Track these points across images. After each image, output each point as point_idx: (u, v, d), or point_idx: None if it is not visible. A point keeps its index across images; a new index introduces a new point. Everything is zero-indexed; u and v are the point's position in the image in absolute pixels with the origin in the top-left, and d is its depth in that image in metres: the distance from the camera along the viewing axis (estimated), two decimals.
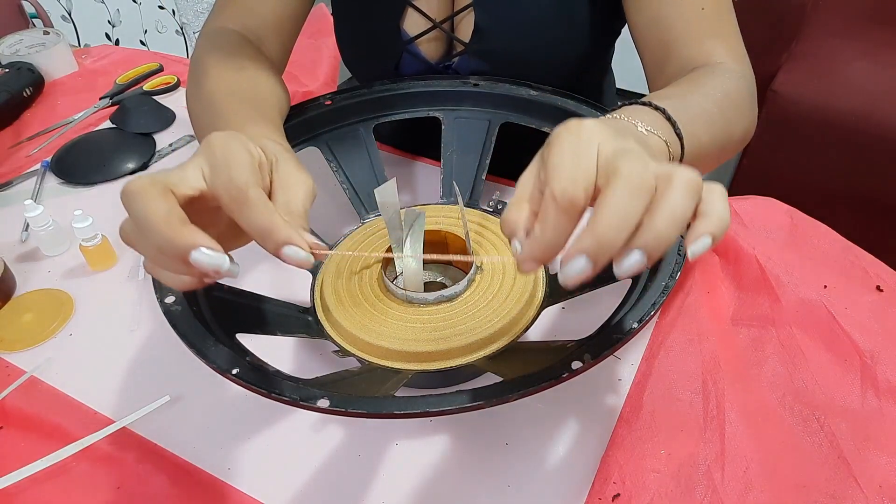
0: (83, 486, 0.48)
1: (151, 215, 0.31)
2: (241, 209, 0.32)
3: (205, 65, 0.58)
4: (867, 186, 1.39)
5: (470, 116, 0.64)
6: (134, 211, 0.32)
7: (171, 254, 0.31)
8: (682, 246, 0.46)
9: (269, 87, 0.59)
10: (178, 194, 0.32)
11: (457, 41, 0.69)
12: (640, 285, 0.47)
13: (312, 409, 0.36)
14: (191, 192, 0.33)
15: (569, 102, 0.55)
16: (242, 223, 0.33)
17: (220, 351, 0.40)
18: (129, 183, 0.32)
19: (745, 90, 0.55)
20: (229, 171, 0.32)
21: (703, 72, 0.54)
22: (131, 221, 0.33)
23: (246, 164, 0.33)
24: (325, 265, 0.57)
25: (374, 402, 0.37)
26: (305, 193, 0.37)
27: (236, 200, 0.32)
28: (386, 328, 0.50)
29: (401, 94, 0.66)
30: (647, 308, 0.41)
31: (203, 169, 0.34)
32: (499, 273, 0.53)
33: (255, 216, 0.32)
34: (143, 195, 0.31)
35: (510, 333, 0.50)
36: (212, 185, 0.33)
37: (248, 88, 0.56)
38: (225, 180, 0.32)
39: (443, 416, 0.36)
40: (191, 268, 0.32)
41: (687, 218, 0.29)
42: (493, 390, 0.37)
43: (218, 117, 0.52)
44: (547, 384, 0.36)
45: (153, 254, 0.33)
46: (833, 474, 0.47)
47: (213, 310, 0.46)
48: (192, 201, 0.33)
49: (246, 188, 0.32)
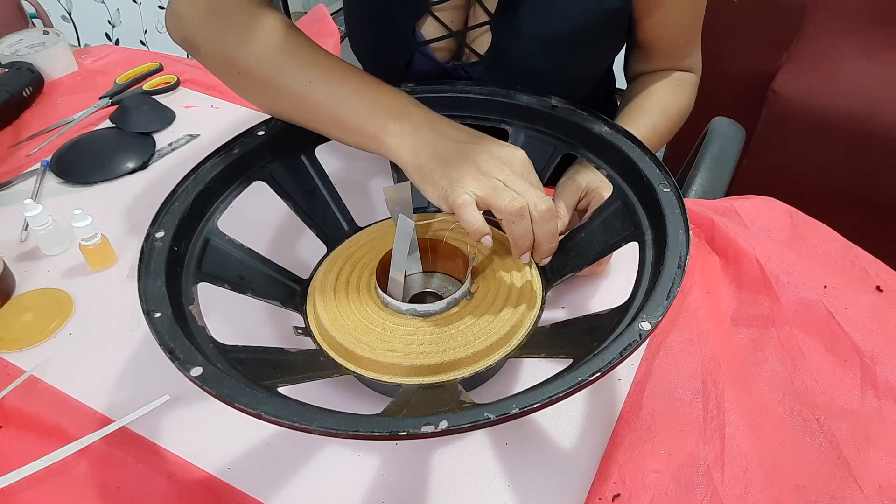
0: (83, 485, 0.47)
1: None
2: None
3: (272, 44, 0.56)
4: (867, 186, 1.39)
5: (538, 138, 0.63)
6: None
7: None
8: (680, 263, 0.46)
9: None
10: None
11: (472, 52, 0.69)
12: (641, 288, 0.47)
13: (305, 430, 0.37)
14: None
15: (634, 150, 0.55)
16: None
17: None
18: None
19: (692, 96, 0.74)
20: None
21: (669, 88, 0.72)
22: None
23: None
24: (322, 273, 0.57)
25: (374, 422, 0.37)
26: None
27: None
28: (375, 340, 0.50)
29: (478, 99, 0.65)
30: (660, 310, 0.42)
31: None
32: (492, 292, 0.53)
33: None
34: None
35: (503, 349, 0.50)
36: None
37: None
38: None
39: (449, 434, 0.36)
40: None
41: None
42: (499, 407, 0.37)
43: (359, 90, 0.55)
44: (549, 401, 0.37)
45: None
46: (833, 474, 0.47)
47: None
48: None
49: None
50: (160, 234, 0.50)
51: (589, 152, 0.59)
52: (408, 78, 0.70)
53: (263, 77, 0.56)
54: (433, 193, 0.51)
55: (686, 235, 0.47)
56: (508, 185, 0.50)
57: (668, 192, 0.51)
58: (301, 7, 2.68)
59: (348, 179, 0.73)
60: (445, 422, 0.36)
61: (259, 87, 0.58)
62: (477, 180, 0.49)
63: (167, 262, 0.48)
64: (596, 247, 0.55)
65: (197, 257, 0.52)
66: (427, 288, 0.58)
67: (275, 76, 0.56)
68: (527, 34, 0.65)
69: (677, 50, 0.72)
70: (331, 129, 0.57)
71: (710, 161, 0.87)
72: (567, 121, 0.61)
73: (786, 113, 1.40)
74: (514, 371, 0.55)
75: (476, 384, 0.54)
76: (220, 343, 0.45)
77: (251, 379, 0.42)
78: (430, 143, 0.52)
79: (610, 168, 0.57)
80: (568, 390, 0.37)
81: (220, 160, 0.57)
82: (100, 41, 2.25)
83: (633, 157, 0.55)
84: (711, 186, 0.83)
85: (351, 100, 0.55)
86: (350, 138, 0.56)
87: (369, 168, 0.78)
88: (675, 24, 0.68)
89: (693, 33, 0.71)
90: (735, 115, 0.96)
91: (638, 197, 0.54)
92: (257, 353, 0.49)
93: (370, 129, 0.54)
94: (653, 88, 0.71)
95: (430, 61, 0.70)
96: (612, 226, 0.55)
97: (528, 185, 0.50)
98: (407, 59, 0.70)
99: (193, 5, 0.58)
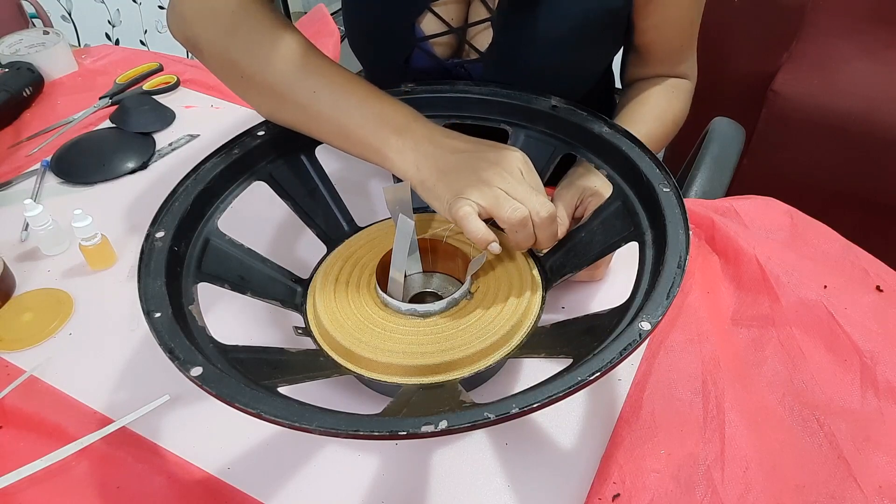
0: (83, 485, 0.47)
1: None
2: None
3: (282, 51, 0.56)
4: (867, 186, 1.39)
5: (538, 138, 0.63)
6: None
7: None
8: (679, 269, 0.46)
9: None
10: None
11: (472, 49, 0.69)
12: (641, 288, 0.47)
13: (304, 430, 0.37)
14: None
15: (634, 150, 0.55)
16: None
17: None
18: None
19: (687, 103, 0.74)
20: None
21: (664, 95, 0.72)
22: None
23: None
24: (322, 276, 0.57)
25: (375, 422, 0.37)
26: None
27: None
28: (375, 340, 0.50)
29: (478, 99, 0.65)
30: (660, 310, 0.42)
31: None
32: (492, 292, 0.53)
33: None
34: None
35: (503, 348, 0.50)
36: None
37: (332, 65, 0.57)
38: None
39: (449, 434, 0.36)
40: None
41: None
42: (499, 407, 0.37)
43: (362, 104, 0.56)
44: (549, 401, 0.37)
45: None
46: (833, 474, 0.47)
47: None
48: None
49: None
50: (160, 234, 0.50)
51: (589, 152, 0.59)
52: (407, 75, 0.70)
53: (267, 83, 0.56)
54: (439, 207, 0.52)
55: (686, 235, 0.47)
56: (510, 194, 0.50)
57: (668, 192, 0.51)
58: (301, 7, 2.68)
59: (348, 179, 0.73)
60: (445, 422, 0.36)
61: (262, 93, 0.58)
62: (479, 190, 0.50)
63: (167, 262, 0.48)
64: (596, 247, 0.55)
65: (197, 257, 0.52)
66: (427, 288, 0.58)
67: (279, 83, 0.56)
68: (528, 31, 0.65)
69: (673, 54, 0.72)
70: (333, 139, 0.57)
71: (710, 161, 0.87)
72: (567, 121, 0.61)
73: (786, 113, 1.40)
74: (514, 371, 0.56)
75: (476, 384, 0.54)
76: (220, 343, 0.45)
77: (251, 379, 0.42)
78: (431, 157, 0.53)
79: (610, 168, 0.57)
80: (568, 390, 0.37)
81: (220, 160, 0.57)
82: (100, 41, 2.25)
83: (632, 156, 0.55)
84: (711, 186, 0.83)
85: (354, 112, 0.55)
86: (352, 149, 0.56)
87: (369, 168, 0.77)
88: (671, 27, 0.69)
89: (689, 38, 0.71)
90: (735, 115, 0.96)
91: (638, 197, 0.54)
92: (257, 353, 0.49)
93: (373, 142, 0.54)
94: (648, 95, 0.71)
95: (430, 58, 0.70)
96: (612, 226, 0.55)
97: (530, 191, 0.51)
98: (406, 55, 0.70)
99: (196, 5, 0.57)
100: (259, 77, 0.56)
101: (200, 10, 0.57)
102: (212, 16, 0.57)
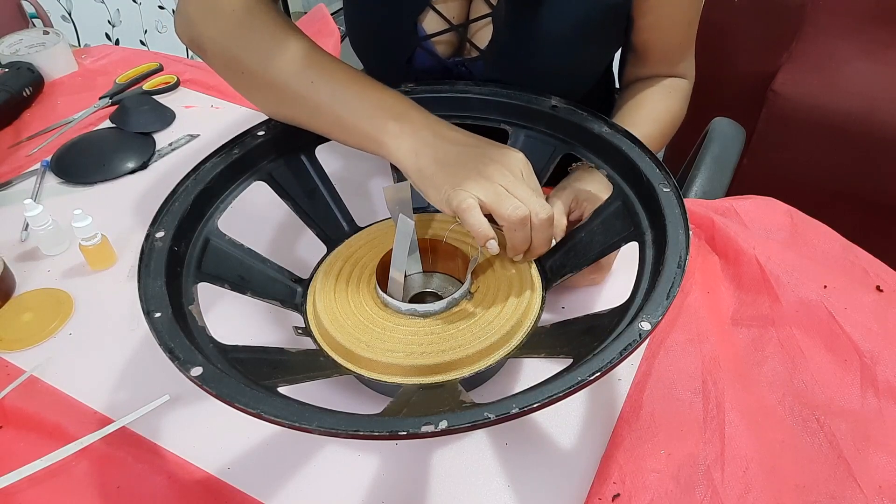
0: (83, 485, 0.47)
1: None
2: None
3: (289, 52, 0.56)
4: (867, 186, 1.39)
5: (538, 138, 0.63)
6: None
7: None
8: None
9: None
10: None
11: (473, 47, 0.69)
12: (641, 288, 0.47)
13: (305, 430, 0.37)
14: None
15: (634, 150, 0.55)
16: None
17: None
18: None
19: (684, 103, 0.74)
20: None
21: (662, 96, 0.72)
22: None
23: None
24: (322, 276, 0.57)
25: (377, 422, 0.37)
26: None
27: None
28: (375, 340, 0.50)
29: (478, 99, 0.65)
30: (661, 310, 0.42)
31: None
32: (492, 292, 0.53)
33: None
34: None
35: (503, 348, 0.50)
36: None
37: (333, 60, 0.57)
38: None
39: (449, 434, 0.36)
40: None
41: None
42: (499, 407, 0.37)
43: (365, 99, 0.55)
44: (549, 400, 0.37)
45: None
46: (833, 474, 0.47)
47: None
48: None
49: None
50: (160, 234, 0.50)
51: (589, 152, 0.59)
52: (409, 75, 0.70)
53: (269, 79, 0.56)
54: (435, 197, 0.51)
55: (686, 235, 0.47)
56: (511, 192, 0.50)
57: (668, 192, 0.51)
58: (301, 7, 2.68)
59: (348, 179, 0.74)
60: (445, 422, 0.36)
61: (264, 90, 0.58)
62: (480, 185, 0.50)
63: (167, 262, 0.48)
64: (596, 246, 0.55)
65: (197, 257, 0.52)
66: (427, 288, 0.58)
67: (279, 78, 0.56)
68: (529, 27, 0.65)
69: (671, 54, 0.72)
70: (332, 130, 0.57)
71: (711, 161, 0.87)
72: (567, 121, 0.61)
73: (786, 113, 1.40)
74: (514, 371, 0.56)
75: (476, 384, 0.54)
76: (220, 343, 0.45)
77: (251, 379, 0.42)
78: (430, 146, 0.52)
79: (610, 168, 0.57)
80: (568, 390, 0.37)
81: (220, 160, 0.57)
82: (100, 41, 2.25)
83: (633, 156, 0.55)
84: (711, 186, 0.83)
85: (353, 101, 0.55)
86: (351, 139, 0.56)
87: (369, 168, 0.78)
88: (669, 26, 0.69)
89: (687, 37, 0.71)
90: (735, 115, 0.96)
91: (638, 197, 0.54)
92: (257, 353, 0.49)
93: (370, 130, 0.54)
94: (645, 95, 0.72)
95: (432, 57, 0.70)
96: (612, 226, 0.55)
97: (530, 192, 0.51)
98: (409, 55, 0.70)
99: (202, 6, 0.58)
100: (261, 73, 0.56)
101: (205, 10, 0.58)
102: (216, 15, 0.57)
